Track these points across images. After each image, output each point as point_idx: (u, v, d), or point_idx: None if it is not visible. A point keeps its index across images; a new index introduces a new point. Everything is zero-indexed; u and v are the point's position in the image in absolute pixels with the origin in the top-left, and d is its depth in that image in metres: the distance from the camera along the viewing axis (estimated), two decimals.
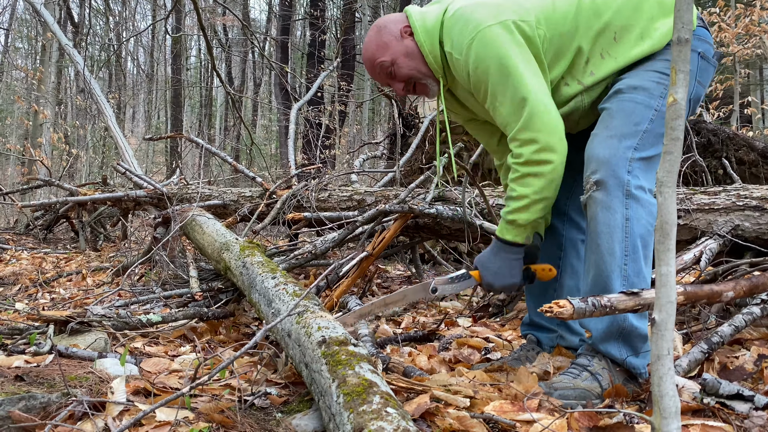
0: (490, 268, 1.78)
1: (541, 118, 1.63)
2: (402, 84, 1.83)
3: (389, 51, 1.78)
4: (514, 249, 1.75)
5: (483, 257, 1.80)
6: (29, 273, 4.28)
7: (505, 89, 1.65)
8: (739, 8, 8.64)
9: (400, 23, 1.80)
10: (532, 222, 1.71)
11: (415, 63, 1.78)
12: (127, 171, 5.52)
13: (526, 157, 1.65)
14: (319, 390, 1.32)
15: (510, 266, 1.76)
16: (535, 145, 1.64)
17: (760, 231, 2.35)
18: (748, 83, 14.33)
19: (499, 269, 1.76)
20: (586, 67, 1.73)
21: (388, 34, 1.79)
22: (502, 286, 1.79)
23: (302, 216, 3.52)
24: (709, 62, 1.75)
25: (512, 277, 1.77)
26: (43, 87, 11.34)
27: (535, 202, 1.68)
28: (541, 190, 1.66)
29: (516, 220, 1.71)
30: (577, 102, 1.77)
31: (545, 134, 1.63)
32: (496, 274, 1.77)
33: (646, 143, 1.63)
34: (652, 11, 1.72)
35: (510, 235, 1.73)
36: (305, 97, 5.81)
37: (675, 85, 0.95)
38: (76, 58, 7.42)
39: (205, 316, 2.45)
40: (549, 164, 1.64)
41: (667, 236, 0.97)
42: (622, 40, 1.72)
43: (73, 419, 1.31)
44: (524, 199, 1.68)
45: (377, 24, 1.84)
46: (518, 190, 1.68)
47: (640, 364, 1.64)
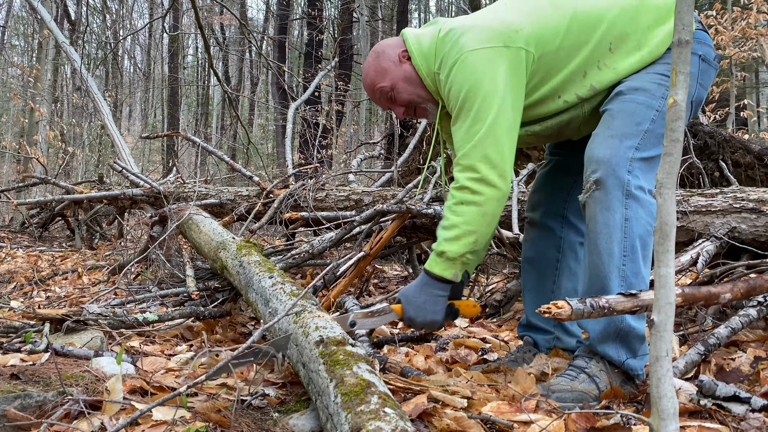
0: (413, 303, 1.73)
1: (487, 150, 1.62)
2: (403, 108, 1.84)
3: (388, 76, 1.79)
4: (440, 285, 1.72)
5: (408, 291, 1.76)
6: (24, 271, 4.26)
7: (465, 116, 1.66)
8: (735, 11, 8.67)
9: (397, 48, 1.80)
10: (462, 256, 1.68)
11: (414, 88, 1.79)
12: (124, 169, 5.50)
13: (461, 182, 1.65)
14: (316, 390, 1.32)
15: (434, 302, 1.72)
16: (474, 174, 1.63)
17: (756, 233, 2.36)
18: (744, 86, 14.38)
19: (422, 304, 1.72)
20: (584, 81, 1.72)
21: (386, 59, 1.79)
22: (423, 322, 1.74)
23: (299, 215, 3.51)
24: (710, 65, 1.74)
25: (435, 314, 1.73)
26: (40, 84, 11.31)
27: (466, 233, 1.65)
28: (472, 221, 1.64)
29: (445, 251, 1.68)
30: (577, 111, 1.76)
31: (486, 166, 1.62)
32: (418, 309, 1.73)
33: (647, 143, 1.63)
34: (648, 21, 1.71)
35: (438, 268, 1.70)
36: (303, 96, 5.81)
37: (675, 86, 0.95)
38: (73, 56, 7.40)
39: (201, 315, 2.44)
40: (482, 195, 1.63)
41: (667, 237, 0.97)
42: (618, 49, 1.71)
43: (69, 418, 1.30)
44: (454, 229, 1.66)
45: (375, 49, 1.84)
46: (450, 219, 1.67)
47: (637, 366, 1.64)
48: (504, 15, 1.73)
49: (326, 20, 16.13)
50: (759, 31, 8.12)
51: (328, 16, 16.94)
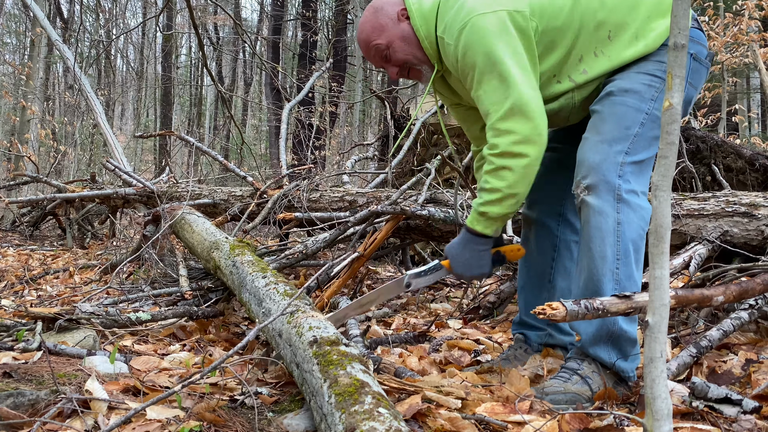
0: (459, 259, 1.76)
1: (522, 110, 1.60)
2: (397, 68, 1.80)
3: (385, 34, 1.76)
4: (483, 240, 1.73)
5: (452, 248, 1.78)
6: (15, 270, 4.23)
7: (490, 78, 1.63)
8: (728, 17, 8.73)
9: (396, 5, 1.77)
10: (503, 215, 1.69)
11: (411, 48, 1.76)
12: (117, 168, 5.48)
13: (502, 148, 1.62)
14: (310, 390, 1.32)
15: (479, 257, 1.75)
16: (513, 136, 1.61)
17: (748, 237, 2.38)
18: (736, 92, 14.49)
19: (468, 260, 1.75)
20: (579, 65, 1.72)
21: (384, 15, 1.76)
22: (473, 276, 1.78)
23: (293, 216, 3.51)
24: (702, 63, 1.74)
25: (481, 267, 1.76)
26: (32, 82, 11.23)
27: (508, 196, 1.65)
28: (515, 185, 1.63)
29: (488, 212, 1.68)
30: (567, 99, 1.76)
31: (524, 126, 1.60)
32: (465, 265, 1.76)
33: (638, 147, 1.64)
34: (649, 11, 1.71)
35: (480, 226, 1.71)
36: (297, 97, 5.79)
37: (671, 90, 0.96)
38: (66, 54, 7.36)
39: (194, 315, 2.43)
40: (525, 158, 1.62)
41: (662, 239, 0.97)
42: (616, 38, 1.71)
43: (62, 417, 1.30)
44: (497, 193, 1.65)
45: (373, 4, 1.80)
46: (491, 182, 1.66)
47: (628, 368, 1.65)
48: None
49: (320, 21, 16.13)
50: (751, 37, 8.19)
51: (322, 18, 16.94)
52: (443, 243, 3.67)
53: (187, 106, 21.44)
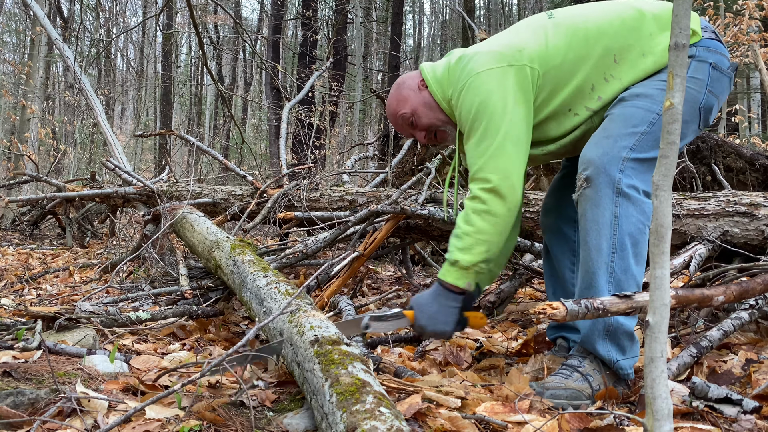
0: (425, 312, 1.78)
1: (498, 162, 1.69)
2: (424, 132, 1.93)
3: (409, 103, 1.89)
4: (453, 296, 1.76)
5: (421, 298, 1.80)
6: (15, 269, 4.23)
7: (477, 132, 1.73)
8: (728, 17, 8.73)
9: (416, 78, 1.91)
10: (475, 265, 1.72)
11: (433, 113, 1.88)
12: (117, 167, 5.47)
13: (474, 192, 1.71)
14: (311, 389, 1.32)
15: (446, 313, 1.76)
16: (486, 184, 1.70)
17: (748, 237, 2.38)
18: (736, 92, 14.48)
19: (434, 314, 1.77)
20: (593, 93, 1.77)
21: (407, 88, 1.91)
22: (434, 332, 1.79)
23: (293, 215, 3.51)
24: (723, 73, 1.76)
25: (445, 325, 1.77)
26: (32, 81, 11.22)
27: (477, 242, 1.70)
28: (484, 231, 1.70)
29: (458, 260, 1.72)
30: (588, 124, 1.80)
31: (498, 177, 1.69)
32: (430, 319, 1.77)
33: (644, 145, 1.64)
34: (650, 29, 1.76)
35: (451, 277, 1.74)
36: (297, 96, 5.78)
37: (672, 89, 0.96)
38: (66, 53, 7.36)
39: (194, 314, 2.43)
40: (493, 205, 1.69)
41: (662, 239, 0.97)
42: (623, 60, 1.75)
43: (62, 416, 1.30)
44: (467, 238, 1.71)
45: (397, 81, 1.96)
46: (462, 228, 1.73)
47: (627, 365, 1.66)
48: (508, 38, 1.81)
49: (321, 21, 16.12)
50: (751, 37, 8.18)
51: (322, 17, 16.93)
52: (443, 242, 3.67)
53: (187, 106, 21.43)
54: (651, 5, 1.81)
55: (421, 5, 25.11)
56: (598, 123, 1.79)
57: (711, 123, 1.83)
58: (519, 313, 2.80)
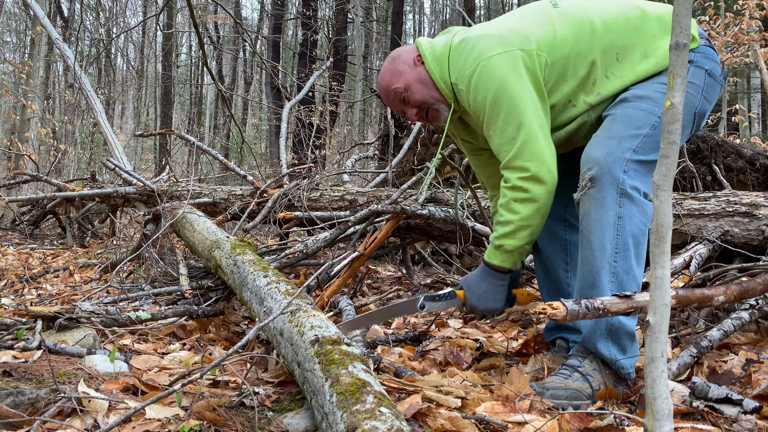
0: (475, 291, 1.82)
1: (532, 148, 1.68)
2: (415, 109, 1.89)
3: (402, 78, 1.85)
4: (500, 275, 1.80)
5: (470, 279, 1.84)
6: (15, 269, 4.23)
7: (500, 118, 1.71)
8: (728, 17, 8.72)
9: (412, 53, 1.88)
10: (519, 248, 1.76)
11: (427, 89, 1.85)
12: (117, 167, 5.47)
13: (513, 182, 1.71)
14: (311, 389, 1.32)
15: (494, 291, 1.80)
16: (524, 173, 1.69)
17: (749, 237, 2.37)
18: (736, 91, 14.48)
19: (484, 293, 1.81)
20: (593, 88, 1.77)
21: (401, 62, 1.87)
22: (485, 309, 1.83)
23: (293, 215, 3.50)
24: (716, 80, 1.77)
25: (495, 302, 1.81)
26: (32, 81, 11.22)
27: (521, 228, 1.72)
28: (527, 217, 1.71)
29: (503, 245, 1.75)
30: (584, 118, 1.80)
31: (535, 164, 1.68)
32: (480, 298, 1.81)
33: (646, 148, 1.65)
34: (653, 30, 1.76)
35: (497, 260, 1.78)
36: (297, 96, 5.78)
37: (672, 89, 0.96)
38: (66, 53, 7.36)
39: (194, 314, 2.43)
40: (535, 192, 1.69)
41: (663, 239, 0.97)
42: (625, 59, 1.76)
43: (62, 416, 1.30)
44: (509, 225, 1.73)
45: (391, 54, 1.92)
46: (505, 216, 1.74)
47: (627, 364, 1.66)
48: (513, 23, 1.80)
49: (321, 20, 16.12)
50: (751, 37, 8.18)
51: (322, 17, 16.93)
52: (443, 242, 3.67)
53: (188, 105, 21.43)
54: (653, 6, 1.81)
55: (421, 5, 25.11)
56: (595, 118, 1.79)
57: (701, 129, 1.84)
58: (519, 313, 2.80)
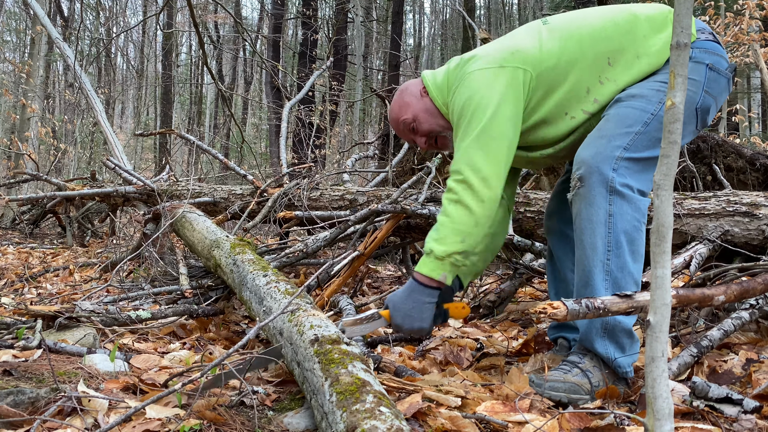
0: (400, 309, 1.75)
1: (471, 155, 1.70)
2: (424, 138, 1.94)
3: (410, 109, 1.92)
4: (428, 291, 1.74)
5: (395, 297, 1.78)
6: (15, 268, 4.23)
7: (460, 125, 1.76)
8: (728, 17, 8.72)
9: (418, 85, 1.94)
10: (450, 256, 1.70)
11: (433, 118, 1.90)
12: (117, 166, 5.47)
13: (450, 184, 1.73)
14: (311, 388, 1.32)
15: (421, 310, 1.75)
16: (458, 176, 1.71)
17: (749, 236, 2.37)
18: (736, 91, 14.48)
19: (410, 311, 1.74)
20: (588, 96, 1.77)
21: (409, 95, 1.94)
22: (411, 329, 1.77)
23: (293, 215, 3.50)
24: (720, 74, 1.77)
25: (422, 322, 1.75)
26: (32, 80, 11.22)
27: (452, 232, 1.70)
28: (458, 221, 1.70)
29: (433, 250, 1.72)
30: (586, 127, 1.80)
31: (469, 170, 1.69)
32: (405, 316, 1.75)
33: (638, 145, 1.65)
34: (643, 31, 1.77)
35: (426, 268, 1.73)
36: (298, 95, 5.78)
37: (673, 89, 0.96)
38: (66, 52, 7.35)
39: (194, 313, 2.43)
40: (464, 197, 1.69)
41: (663, 239, 0.97)
42: (617, 63, 1.76)
43: (62, 415, 1.30)
44: (441, 228, 1.72)
45: (400, 88, 1.99)
46: (438, 219, 1.75)
47: (625, 363, 1.66)
48: (503, 42, 1.85)
49: (321, 20, 16.11)
50: (752, 37, 8.18)
51: (322, 16, 16.92)
52: None
53: (188, 105, 21.42)
54: (644, 8, 1.83)
55: (421, 5, 25.10)
56: (596, 124, 1.80)
57: (709, 124, 1.83)
58: (519, 313, 2.80)
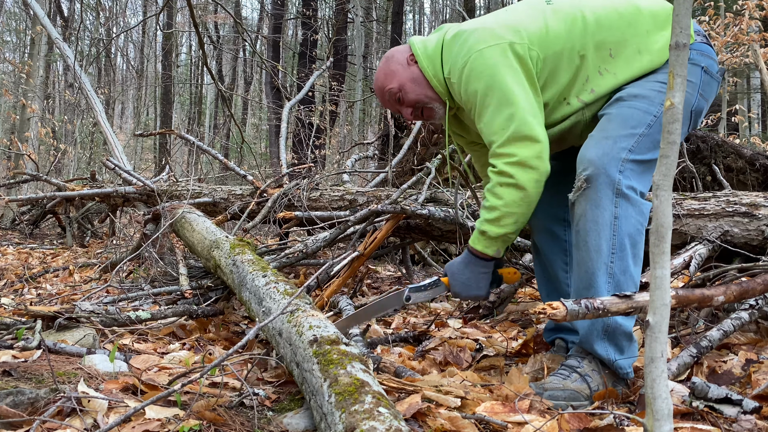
0: (459, 279, 1.81)
1: (522, 134, 1.66)
2: (410, 109, 1.90)
3: (396, 78, 1.86)
4: (483, 262, 1.79)
5: (454, 266, 1.83)
6: (15, 268, 4.23)
7: (491, 108, 1.70)
8: (728, 17, 8.72)
9: (405, 52, 1.88)
10: (503, 236, 1.73)
11: (421, 88, 1.85)
12: (117, 167, 5.47)
13: (500, 167, 1.69)
14: (310, 389, 1.32)
15: (477, 279, 1.80)
16: (511, 158, 1.67)
17: (749, 237, 2.37)
18: (736, 92, 14.48)
19: (467, 280, 1.80)
20: (587, 85, 1.75)
21: (395, 62, 1.87)
22: (469, 296, 1.83)
23: (293, 215, 3.50)
24: (713, 77, 1.77)
25: (479, 290, 1.81)
26: (32, 81, 11.22)
27: (506, 215, 1.70)
28: (512, 203, 1.69)
29: (487, 231, 1.73)
30: (578, 116, 1.79)
31: (524, 149, 1.66)
32: (464, 285, 1.81)
33: (642, 147, 1.64)
34: (646, 26, 1.75)
35: (480, 245, 1.76)
36: (298, 96, 5.78)
37: (672, 89, 0.96)
38: (66, 52, 7.35)
39: (194, 313, 2.43)
40: (521, 178, 1.67)
41: (662, 239, 0.97)
42: (618, 55, 1.74)
43: (61, 415, 1.30)
44: (494, 211, 1.71)
45: (386, 55, 1.94)
46: (489, 201, 1.72)
47: (625, 364, 1.65)
48: (505, 17, 1.79)
49: (321, 20, 16.11)
50: (751, 37, 8.18)
51: (322, 16, 16.92)
52: (443, 242, 3.67)
53: (187, 105, 21.42)
54: (646, 2, 1.79)
55: (421, 5, 25.10)
56: (589, 117, 1.79)
57: (699, 126, 1.82)
58: (519, 313, 2.80)
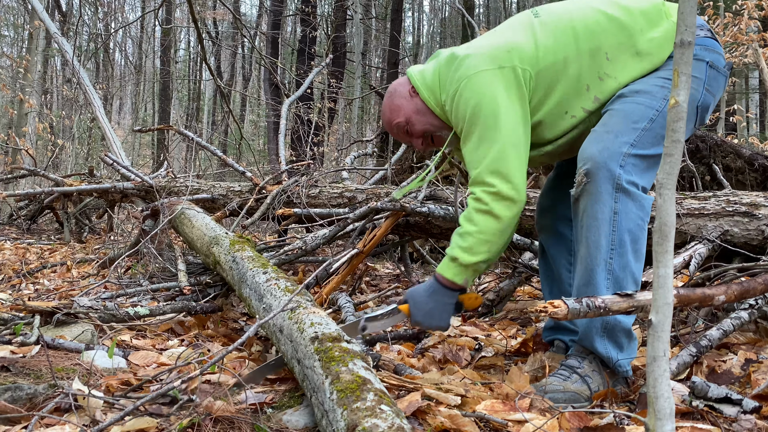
0: (421, 308, 1.78)
1: (500, 166, 1.68)
2: (420, 139, 1.92)
3: (402, 112, 1.88)
4: (450, 292, 1.77)
5: (416, 294, 1.80)
6: (12, 263, 4.22)
7: (475, 133, 1.72)
8: (727, 17, 8.73)
9: (406, 85, 1.90)
10: (473, 264, 1.72)
11: (426, 118, 1.87)
12: (115, 162, 5.46)
13: (478, 194, 1.70)
14: (311, 386, 1.31)
15: (441, 309, 1.78)
16: (491, 189, 1.68)
17: (749, 236, 2.37)
18: (734, 92, 14.50)
19: (431, 310, 1.77)
20: (588, 94, 1.74)
21: (398, 97, 1.89)
22: (430, 326, 1.82)
23: (292, 212, 3.50)
24: (719, 72, 1.76)
25: (441, 320, 1.79)
26: (29, 75, 11.19)
27: (480, 242, 1.69)
28: (487, 231, 1.69)
29: (458, 258, 1.72)
30: (586, 124, 1.78)
31: (499, 180, 1.67)
32: (426, 315, 1.78)
33: (644, 142, 1.64)
34: (639, 25, 1.74)
35: (450, 273, 1.74)
36: (296, 93, 5.77)
37: (677, 87, 0.95)
38: (64, 47, 7.33)
39: (193, 310, 2.43)
40: (495, 208, 1.67)
41: (666, 238, 0.97)
42: (615, 58, 1.73)
43: (60, 411, 1.29)
44: (469, 238, 1.70)
45: (389, 90, 1.95)
46: (464, 227, 1.72)
47: (624, 362, 1.65)
48: (497, 39, 1.80)
49: (320, 17, 16.09)
50: (750, 37, 8.19)
51: (321, 13, 16.90)
52: (442, 240, 3.67)
53: (186, 101, 21.38)
54: (635, 2, 1.79)
55: (420, 2, 25.07)
56: (596, 121, 1.77)
57: (706, 122, 1.82)
58: (518, 312, 2.80)
